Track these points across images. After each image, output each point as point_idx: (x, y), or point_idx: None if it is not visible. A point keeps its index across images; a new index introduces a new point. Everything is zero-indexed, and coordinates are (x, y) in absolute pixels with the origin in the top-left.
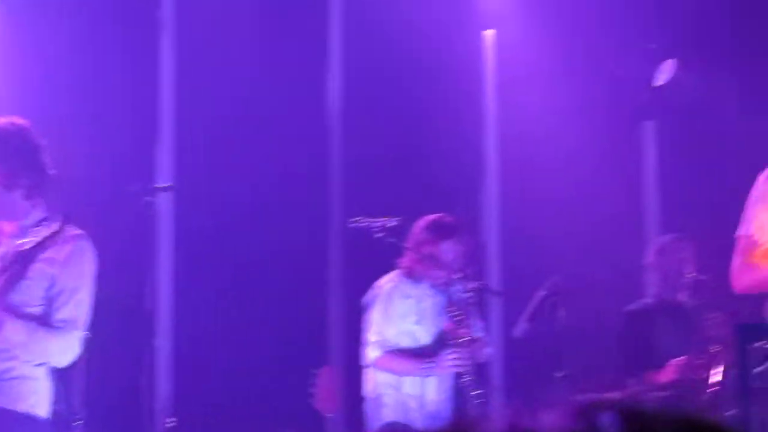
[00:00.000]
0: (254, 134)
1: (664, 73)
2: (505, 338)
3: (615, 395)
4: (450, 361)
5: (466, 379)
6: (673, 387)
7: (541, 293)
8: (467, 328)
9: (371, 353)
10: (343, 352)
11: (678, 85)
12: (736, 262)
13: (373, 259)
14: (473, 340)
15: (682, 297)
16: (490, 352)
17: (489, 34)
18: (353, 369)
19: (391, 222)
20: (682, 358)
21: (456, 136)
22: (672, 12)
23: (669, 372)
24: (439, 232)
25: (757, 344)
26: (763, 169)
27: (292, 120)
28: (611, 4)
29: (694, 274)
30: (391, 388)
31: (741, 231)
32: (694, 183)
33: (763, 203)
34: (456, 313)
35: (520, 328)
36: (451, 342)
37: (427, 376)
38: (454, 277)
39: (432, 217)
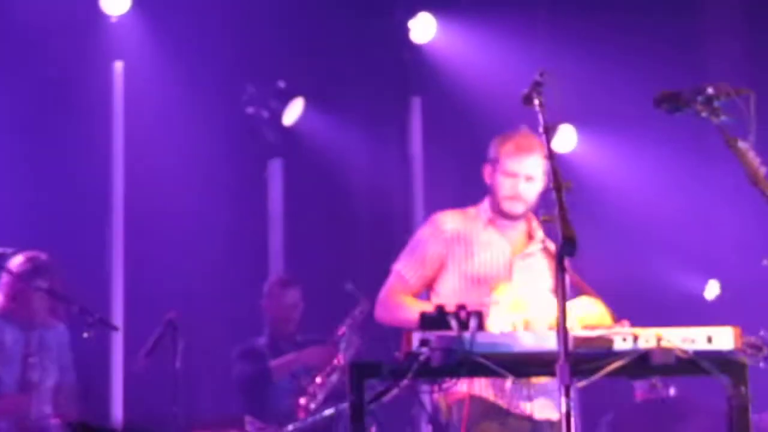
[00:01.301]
0: None
1: (293, 111)
2: (126, 373)
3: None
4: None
5: (36, 423)
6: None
7: (159, 329)
8: (42, 373)
9: None
10: None
11: (305, 123)
12: (384, 294)
13: None
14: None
15: (293, 334)
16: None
17: (119, 65)
18: None
19: (7, 251)
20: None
21: (84, 165)
22: (302, 51)
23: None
24: (32, 270)
25: (371, 381)
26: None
27: None
28: (244, 41)
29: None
30: None
31: (397, 265)
32: (318, 221)
33: (422, 246)
34: (31, 357)
35: (139, 363)
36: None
37: None
38: (52, 317)
39: (26, 254)
